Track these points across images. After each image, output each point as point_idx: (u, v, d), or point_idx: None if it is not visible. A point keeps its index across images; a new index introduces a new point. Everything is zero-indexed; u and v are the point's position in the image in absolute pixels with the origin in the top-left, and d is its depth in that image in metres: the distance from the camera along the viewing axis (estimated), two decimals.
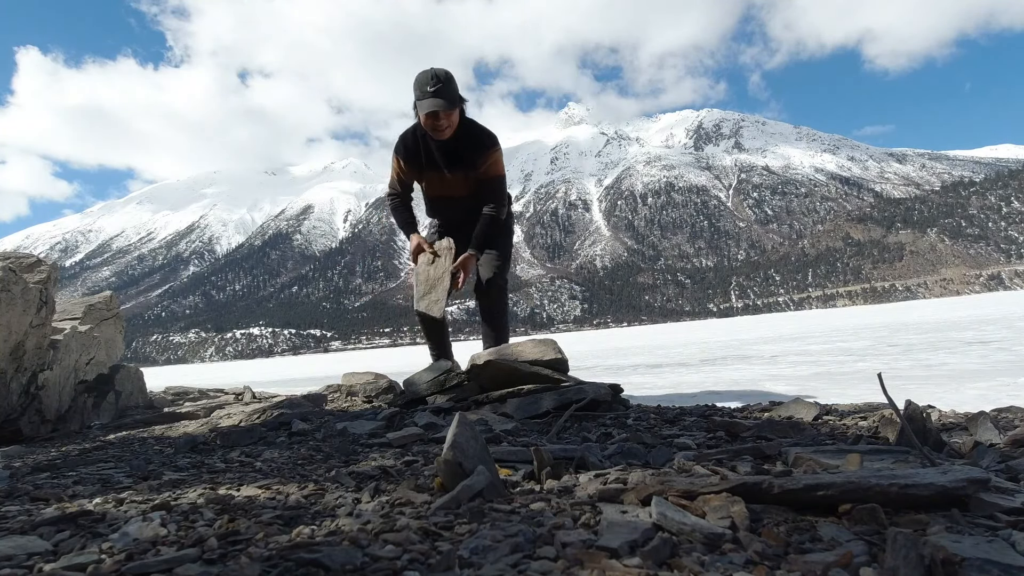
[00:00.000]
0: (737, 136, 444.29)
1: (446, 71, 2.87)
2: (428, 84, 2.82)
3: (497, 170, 3.06)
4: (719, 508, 0.82)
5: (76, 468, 1.57)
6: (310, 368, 19.48)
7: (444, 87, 2.82)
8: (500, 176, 3.08)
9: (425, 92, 2.81)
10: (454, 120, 2.90)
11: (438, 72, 2.85)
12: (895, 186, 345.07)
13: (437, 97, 2.80)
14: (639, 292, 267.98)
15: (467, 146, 3.00)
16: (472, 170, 3.02)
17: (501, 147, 3.08)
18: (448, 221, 3.30)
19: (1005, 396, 2.92)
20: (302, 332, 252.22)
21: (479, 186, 3.07)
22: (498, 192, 3.08)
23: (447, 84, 2.83)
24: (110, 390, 3.66)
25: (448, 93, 2.83)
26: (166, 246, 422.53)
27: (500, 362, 2.26)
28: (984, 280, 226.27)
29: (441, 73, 2.85)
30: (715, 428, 1.70)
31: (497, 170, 3.06)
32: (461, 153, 3.01)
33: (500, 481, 1.01)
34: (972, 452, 1.27)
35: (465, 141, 2.99)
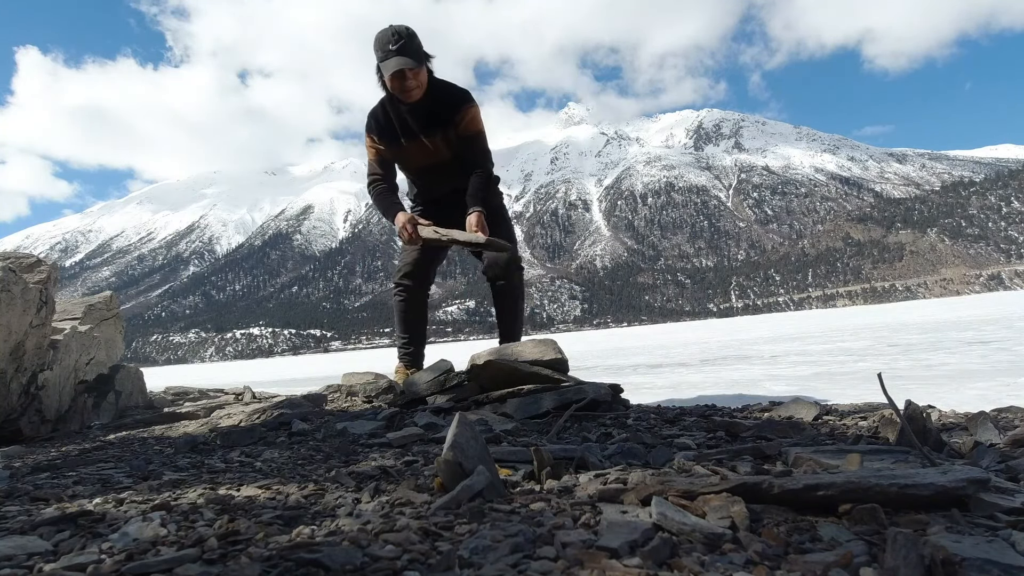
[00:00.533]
0: (737, 136, 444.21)
1: (406, 27, 2.68)
2: (390, 42, 2.64)
3: (476, 126, 2.87)
4: (719, 508, 0.82)
5: (76, 468, 1.57)
6: (310, 368, 19.48)
7: (407, 43, 2.63)
8: (480, 131, 2.89)
9: (388, 51, 2.63)
10: (422, 79, 2.72)
11: (398, 29, 2.66)
12: (895, 186, 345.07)
13: (401, 55, 2.62)
14: (639, 292, 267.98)
15: (441, 105, 2.83)
16: (451, 128, 2.85)
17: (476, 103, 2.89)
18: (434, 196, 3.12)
19: (1005, 396, 2.92)
20: (302, 332, 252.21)
21: (460, 146, 2.88)
22: (481, 149, 2.90)
23: (410, 40, 2.65)
24: (110, 390, 3.66)
25: (412, 49, 2.65)
26: (166, 246, 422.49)
27: (500, 362, 2.26)
28: (984, 280, 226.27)
29: (402, 29, 2.66)
30: (715, 428, 1.70)
31: (476, 126, 2.87)
32: (436, 112, 2.83)
33: (500, 481, 1.01)
34: (972, 452, 1.27)
35: (438, 100, 2.82)
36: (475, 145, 2.89)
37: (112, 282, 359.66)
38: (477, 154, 2.90)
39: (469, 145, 2.88)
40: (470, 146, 2.88)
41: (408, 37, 2.65)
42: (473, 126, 2.87)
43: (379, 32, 2.71)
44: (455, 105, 2.83)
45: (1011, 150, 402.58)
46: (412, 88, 2.71)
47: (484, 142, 2.94)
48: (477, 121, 2.88)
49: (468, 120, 2.85)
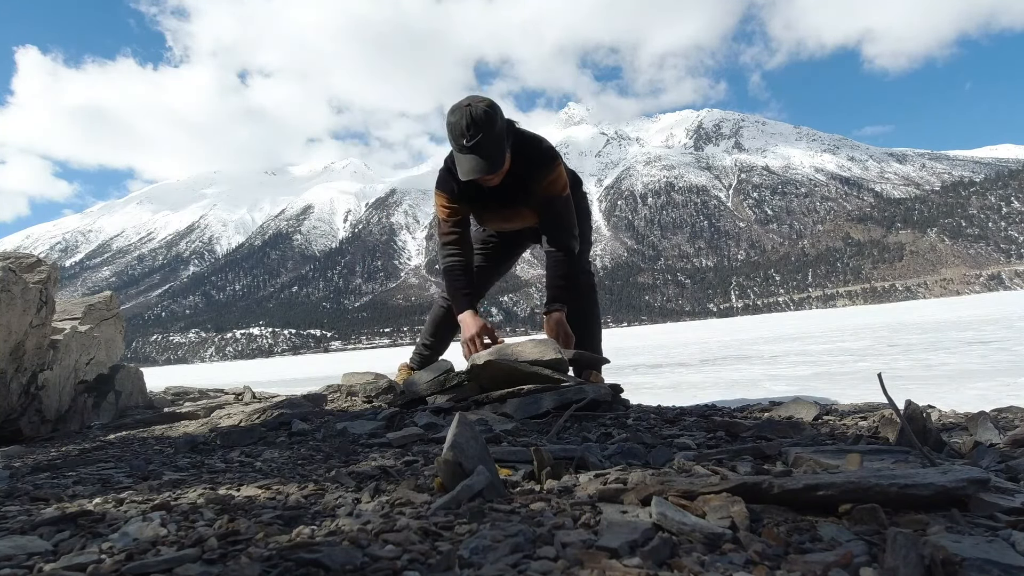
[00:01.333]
0: (737, 136, 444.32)
1: (485, 110, 2.21)
2: (464, 136, 2.20)
3: (555, 189, 2.48)
4: (719, 508, 0.82)
5: (76, 468, 1.57)
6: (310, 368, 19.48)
7: (484, 139, 2.19)
8: (558, 196, 2.49)
9: (462, 146, 2.23)
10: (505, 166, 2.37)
11: (475, 116, 2.19)
12: (895, 186, 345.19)
13: (476, 155, 2.22)
14: (639, 292, 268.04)
15: (522, 174, 2.46)
16: (532, 195, 2.51)
17: (559, 164, 2.51)
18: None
19: (1005, 396, 2.92)
20: (302, 332, 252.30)
21: (540, 211, 2.53)
22: (560, 218, 2.51)
23: (488, 132, 2.19)
24: (110, 390, 3.66)
25: (490, 147, 2.22)
26: (166, 246, 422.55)
27: (500, 362, 2.26)
28: (984, 280, 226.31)
29: (479, 116, 2.19)
30: (715, 428, 1.69)
31: (555, 189, 2.48)
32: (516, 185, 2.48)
33: (500, 481, 1.01)
34: (972, 452, 1.27)
35: (519, 169, 2.45)
36: (552, 211, 2.51)
37: (112, 282, 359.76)
38: (556, 224, 2.52)
39: (547, 211, 2.52)
40: (548, 213, 2.52)
41: (486, 127, 2.20)
42: (552, 189, 2.49)
43: (452, 112, 2.27)
44: (536, 171, 2.47)
45: (1011, 150, 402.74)
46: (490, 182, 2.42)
47: (563, 208, 2.52)
48: (557, 185, 2.50)
49: (548, 183, 2.48)
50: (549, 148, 2.50)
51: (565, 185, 2.51)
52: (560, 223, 2.52)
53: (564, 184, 2.51)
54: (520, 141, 2.45)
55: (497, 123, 2.24)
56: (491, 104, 2.25)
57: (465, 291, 2.59)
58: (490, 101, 2.27)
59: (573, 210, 2.56)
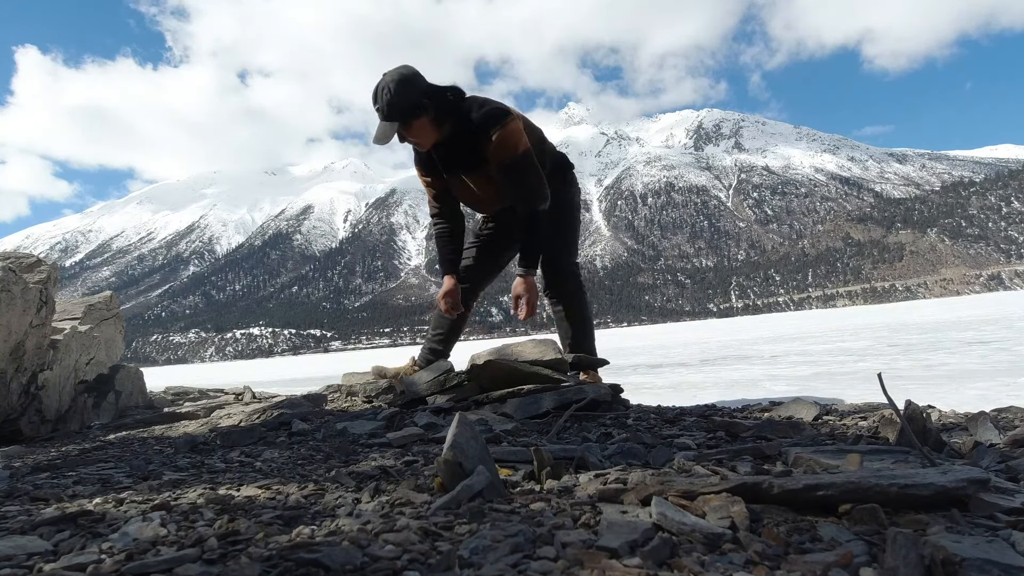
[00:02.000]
0: (737, 136, 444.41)
1: (393, 77, 2.34)
2: (375, 104, 2.36)
3: (506, 151, 2.40)
4: (719, 508, 0.82)
5: (76, 468, 1.57)
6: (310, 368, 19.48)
7: (392, 103, 2.31)
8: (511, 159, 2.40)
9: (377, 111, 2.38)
10: (422, 131, 2.40)
11: (381, 85, 2.35)
12: (895, 186, 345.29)
13: (384, 120, 2.34)
14: (639, 292, 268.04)
15: (468, 139, 2.44)
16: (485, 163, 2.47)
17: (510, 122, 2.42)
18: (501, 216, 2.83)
19: (1005, 396, 2.92)
20: (302, 332, 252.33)
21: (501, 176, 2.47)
22: (518, 178, 2.44)
23: (395, 97, 2.31)
24: (110, 390, 3.66)
25: (395, 110, 2.32)
26: (166, 246, 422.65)
27: (500, 362, 2.26)
28: (984, 280, 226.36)
29: (383, 86, 2.33)
30: (715, 428, 1.70)
31: (506, 151, 2.40)
32: (464, 148, 2.47)
33: (500, 481, 1.01)
34: (972, 452, 1.27)
35: (465, 134, 2.44)
36: (509, 174, 2.44)
37: (112, 282, 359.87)
38: (514, 188, 2.47)
39: (504, 177, 2.46)
40: (505, 179, 2.46)
41: (395, 93, 2.31)
42: (502, 152, 2.40)
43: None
44: (480, 135, 2.41)
45: (1011, 150, 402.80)
46: (416, 142, 2.47)
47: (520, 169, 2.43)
48: (507, 146, 2.40)
49: (496, 146, 2.40)
50: (489, 112, 2.42)
51: (515, 144, 2.42)
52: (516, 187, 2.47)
53: (513, 144, 2.41)
54: (468, 108, 2.45)
55: (405, 87, 2.33)
56: (399, 76, 2.36)
57: (449, 257, 2.75)
58: (401, 71, 2.39)
59: (532, 167, 2.46)
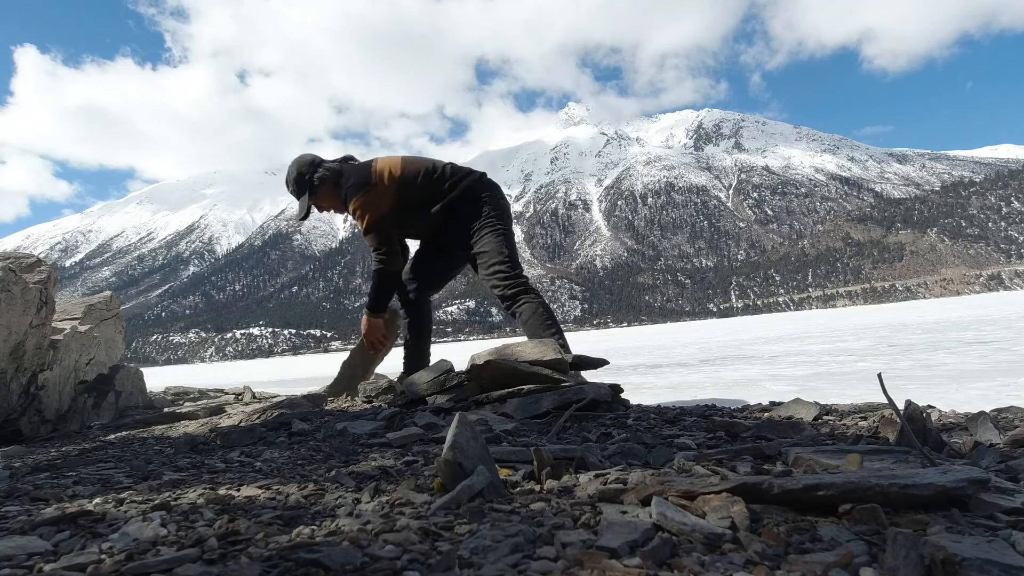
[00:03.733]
0: (737, 136, 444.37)
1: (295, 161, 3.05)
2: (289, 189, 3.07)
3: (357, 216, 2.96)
4: (719, 508, 0.82)
5: (76, 468, 1.57)
6: (310, 368, 19.47)
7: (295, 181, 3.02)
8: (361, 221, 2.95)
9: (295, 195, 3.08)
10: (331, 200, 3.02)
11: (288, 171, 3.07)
12: (895, 186, 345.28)
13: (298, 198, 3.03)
14: (639, 292, 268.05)
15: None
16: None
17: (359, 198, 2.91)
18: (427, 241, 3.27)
19: (1005, 396, 2.92)
20: (302, 332, 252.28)
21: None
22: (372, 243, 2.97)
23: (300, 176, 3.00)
24: (110, 390, 3.66)
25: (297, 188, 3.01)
26: (166, 246, 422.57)
27: (500, 362, 2.26)
28: (984, 280, 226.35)
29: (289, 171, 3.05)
30: (715, 428, 1.69)
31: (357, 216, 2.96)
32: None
33: (500, 481, 1.01)
34: (972, 452, 1.27)
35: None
36: (366, 238, 2.98)
37: (112, 282, 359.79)
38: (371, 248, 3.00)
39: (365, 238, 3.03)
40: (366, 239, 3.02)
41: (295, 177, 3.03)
42: (356, 217, 2.96)
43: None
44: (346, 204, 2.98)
45: (1011, 150, 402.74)
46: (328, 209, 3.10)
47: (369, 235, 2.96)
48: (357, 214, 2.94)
49: (352, 213, 2.98)
50: (352, 185, 2.92)
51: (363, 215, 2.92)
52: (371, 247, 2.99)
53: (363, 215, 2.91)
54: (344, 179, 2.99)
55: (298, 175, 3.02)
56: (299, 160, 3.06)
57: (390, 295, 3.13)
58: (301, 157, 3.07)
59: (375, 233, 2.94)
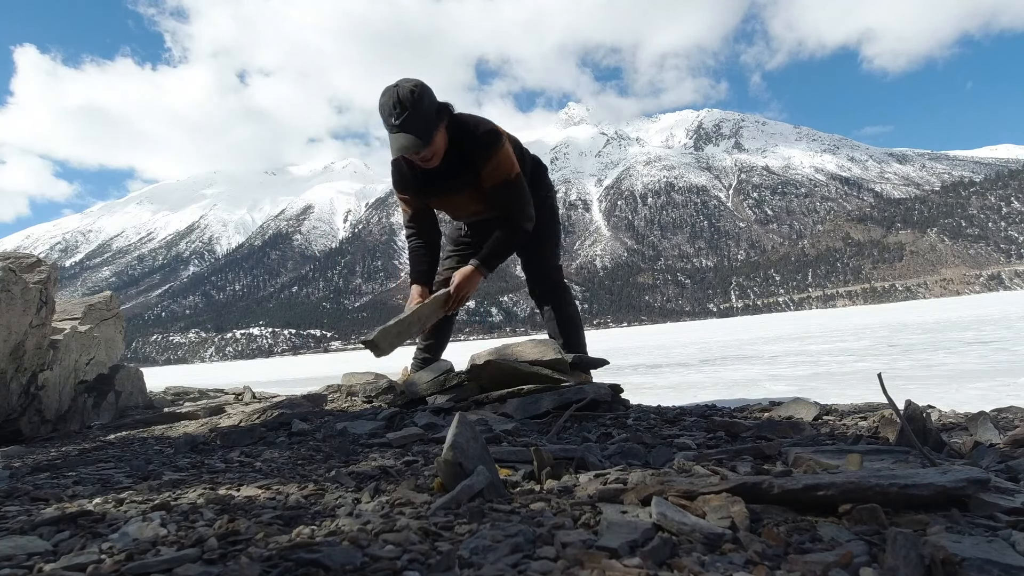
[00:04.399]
0: (737, 136, 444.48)
1: (411, 88, 2.24)
2: (392, 115, 2.24)
3: (500, 175, 2.45)
4: (719, 508, 0.82)
5: (76, 468, 1.57)
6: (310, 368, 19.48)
7: (412, 115, 2.22)
8: (506, 180, 2.46)
9: (392, 125, 2.26)
10: (437, 146, 2.35)
11: (402, 95, 2.23)
12: (895, 186, 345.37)
13: (404, 132, 2.24)
14: (639, 292, 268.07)
15: (463, 159, 2.45)
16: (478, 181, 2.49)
17: (505, 143, 2.47)
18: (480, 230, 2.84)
19: (1005, 396, 2.92)
20: (302, 332, 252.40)
21: (491, 198, 2.53)
22: (510, 199, 2.50)
23: (415, 109, 2.22)
24: (110, 390, 3.66)
25: (418, 123, 2.24)
26: (166, 246, 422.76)
27: (500, 362, 2.26)
28: (984, 280, 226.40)
29: (405, 95, 2.22)
30: (715, 428, 1.70)
31: (500, 175, 2.45)
32: (458, 169, 2.47)
33: (500, 481, 1.01)
34: (972, 452, 1.27)
35: (458, 155, 2.44)
36: (501, 196, 2.50)
37: (112, 282, 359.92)
38: (508, 207, 2.51)
39: (498, 197, 2.51)
40: (499, 198, 2.51)
41: (413, 105, 2.22)
42: (497, 175, 2.45)
43: (382, 93, 2.30)
44: (476, 156, 2.44)
45: (1011, 150, 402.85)
46: (426, 160, 2.39)
47: (514, 191, 2.50)
48: (502, 169, 2.46)
49: (491, 170, 2.44)
50: (488, 132, 2.44)
51: (510, 167, 2.47)
52: (508, 204, 2.50)
53: (508, 167, 2.46)
54: (458, 126, 2.43)
55: (424, 102, 2.26)
56: (418, 83, 2.28)
57: (421, 268, 2.66)
58: (417, 81, 2.30)
59: (523, 190, 2.52)
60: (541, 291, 2.83)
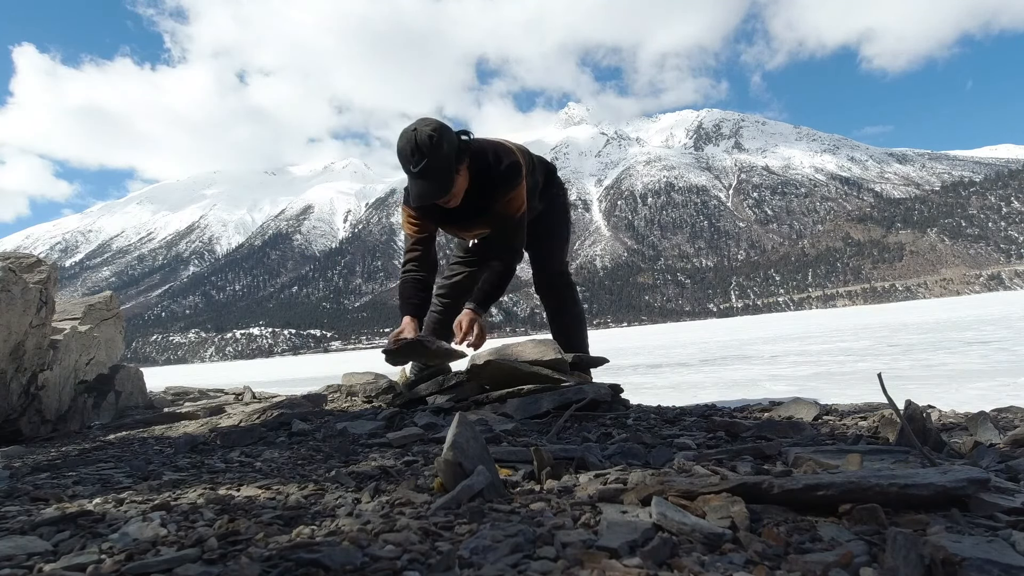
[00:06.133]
0: (737, 136, 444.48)
1: (430, 134, 2.16)
2: (410, 163, 2.17)
3: (512, 208, 2.43)
4: (719, 508, 0.82)
5: (76, 468, 1.57)
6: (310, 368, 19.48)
7: (430, 162, 2.15)
8: (514, 215, 2.44)
9: (410, 171, 2.21)
10: (459, 187, 2.31)
11: (420, 141, 2.15)
12: (895, 186, 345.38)
13: (423, 180, 2.19)
14: (639, 292, 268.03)
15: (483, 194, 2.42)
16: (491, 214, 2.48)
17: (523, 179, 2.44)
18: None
19: (1005, 396, 2.92)
20: (302, 332, 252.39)
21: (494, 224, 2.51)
22: (510, 234, 2.48)
23: (433, 157, 2.15)
24: (110, 390, 3.66)
25: (437, 171, 2.18)
26: (166, 246, 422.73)
27: (500, 362, 2.26)
28: (984, 280, 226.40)
29: (423, 141, 2.14)
30: (715, 428, 1.69)
31: (512, 208, 2.43)
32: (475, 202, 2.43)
33: (500, 481, 1.01)
34: (972, 452, 1.27)
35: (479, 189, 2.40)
36: (504, 227, 2.48)
37: (112, 282, 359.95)
38: (503, 238, 2.50)
39: (499, 226, 2.50)
40: (500, 227, 2.50)
41: (431, 153, 2.14)
42: (510, 208, 2.44)
43: (401, 136, 2.23)
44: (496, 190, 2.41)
45: (1011, 150, 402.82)
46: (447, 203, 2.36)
47: (516, 226, 2.48)
48: (514, 204, 2.44)
49: (506, 203, 2.42)
50: (511, 166, 2.40)
51: (520, 204, 2.45)
52: (508, 238, 2.49)
53: (519, 204, 2.45)
54: (480, 159, 2.38)
55: (443, 147, 2.19)
56: (437, 127, 2.21)
57: (413, 301, 2.56)
58: (436, 124, 2.24)
59: (523, 228, 2.52)
60: (549, 288, 2.83)
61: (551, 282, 2.83)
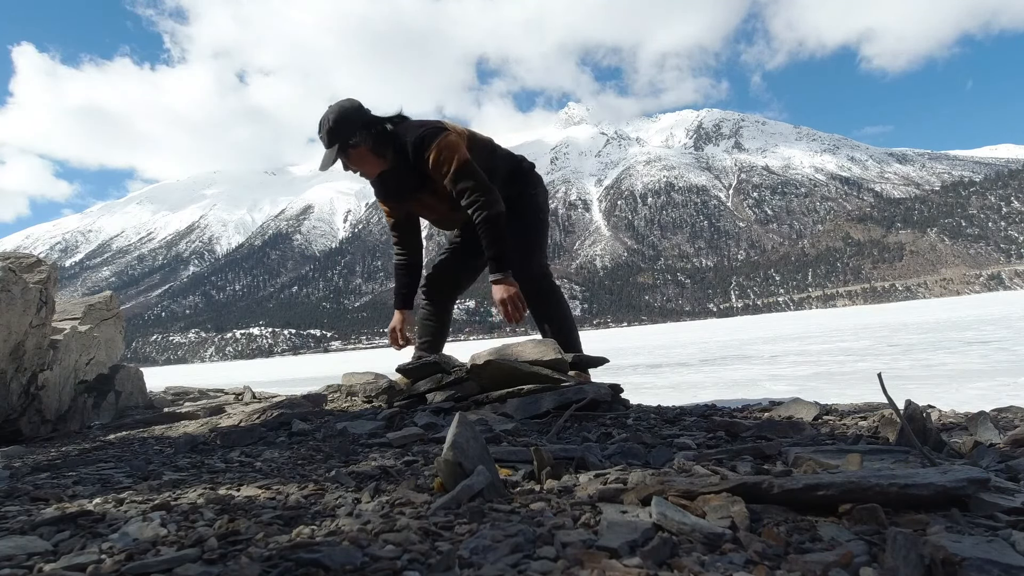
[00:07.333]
0: (737, 136, 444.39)
1: (334, 110, 2.48)
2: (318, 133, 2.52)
3: (444, 165, 2.45)
4: (719, 508, 0.82)
5: (76, 468, 1.57)
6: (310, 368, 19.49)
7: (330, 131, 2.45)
8: (451, 170, 2.45)
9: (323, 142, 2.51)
10: (366, 159, 2.51)
11: (323, 116, 2.50)
12: (895, 186, 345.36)
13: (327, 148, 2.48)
14: (639, 292, 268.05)
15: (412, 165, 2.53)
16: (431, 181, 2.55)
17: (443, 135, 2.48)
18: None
19: (1005, 396, 2.93)
20: (302, 332, 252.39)
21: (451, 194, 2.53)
22: (463, 189, 2.47)
23: (336, 128, 2.44)
24: (110, 390, 3.66)
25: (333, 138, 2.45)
26: (166, 246, 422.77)
27: (500, 362, 2.26)
28: (984, 280, 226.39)
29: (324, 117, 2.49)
30: (715, 428, 1.69)
31: (444, 165, 2.45)
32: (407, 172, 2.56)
33: (500, 481, 1.01)
34: (972, 452, 1.27)
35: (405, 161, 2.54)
36: (456, 186, 2.47)
37: (112, 282, 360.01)
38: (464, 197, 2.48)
39: (454, 189, 2.49)
40: (455, 190, 2.49)
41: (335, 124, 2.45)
42: (441, 166, 2.46)
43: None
44: (417, 153, 2.50)
45: (1011, 150, 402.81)
46: (365, 172, 2.58)
47: (463, 177, 2.46)
48: (445, 157, 2.46)
49: (434, 162, 2.46)
50: (428, 128, 2.49)
51: (452, 155, 2.45)
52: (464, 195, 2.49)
53: (450, 155, 2.45)
54: (402, 133, 2.54)
55: (348, 117, 2.47)
56: (336, 107, 2.51)
57: (402, 291, 2.84)
58: (340, 104, 2.53)
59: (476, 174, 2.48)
60: (537, 294, 2.76)
61: (538, 287, 2.76)
